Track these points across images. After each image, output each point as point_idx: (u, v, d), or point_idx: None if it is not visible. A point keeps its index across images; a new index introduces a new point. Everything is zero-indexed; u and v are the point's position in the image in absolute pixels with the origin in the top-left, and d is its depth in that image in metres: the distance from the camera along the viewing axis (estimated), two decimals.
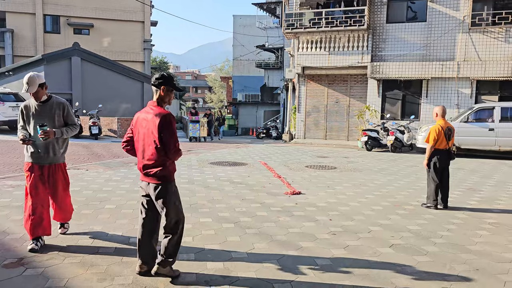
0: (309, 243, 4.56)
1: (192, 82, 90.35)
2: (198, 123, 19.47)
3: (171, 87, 3.52)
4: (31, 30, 30.10)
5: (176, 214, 3.54)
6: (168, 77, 3.52)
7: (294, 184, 8.05)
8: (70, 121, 4.43)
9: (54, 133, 4.20)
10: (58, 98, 4.44)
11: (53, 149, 4.32)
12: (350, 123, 18.16)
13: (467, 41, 15.90)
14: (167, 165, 3.48)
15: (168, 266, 3.53)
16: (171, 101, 3.59)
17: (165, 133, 3.37)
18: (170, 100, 3.57)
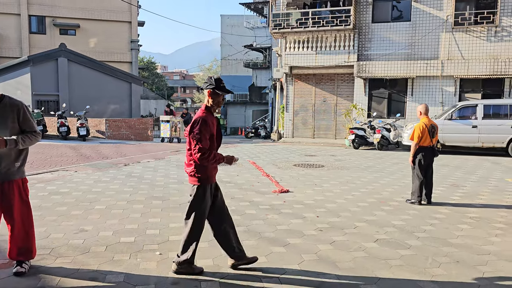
0: (296, 240, 4.67)
1: (180, 82, 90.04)
2: (168, 123, 18.51)
3: (217, 90, 3.53)
4: (16, 31, 29.76)
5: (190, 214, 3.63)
6: (214, 80, 3.56)
7: (282, 182, 8.17)
8: (28, 128, 3.55)
9: (5, 142, 3.34)
10: (12, 99, 3.54)
11: (6, 162, 3.51)
12: (337, 121, 18.37)
13: (451, 40, 16.20)
14: (194, 167, 3.57)
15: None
16: (220, 104, 3.60)
17: (191, 135, 3.49)
18: (218, 103, 3.58)
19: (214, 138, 3.59)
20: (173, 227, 5.03)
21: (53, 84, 22.08)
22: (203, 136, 3.43)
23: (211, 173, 3.63)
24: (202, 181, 3.57)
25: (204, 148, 3.43)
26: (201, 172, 3.56)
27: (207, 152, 3.45)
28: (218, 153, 3.57)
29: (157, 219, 5.37)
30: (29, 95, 21.10)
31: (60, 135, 17.49)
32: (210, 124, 3.50)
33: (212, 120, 3.56)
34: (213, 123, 3.55)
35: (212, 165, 3.57)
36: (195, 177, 3.58)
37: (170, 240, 4.57)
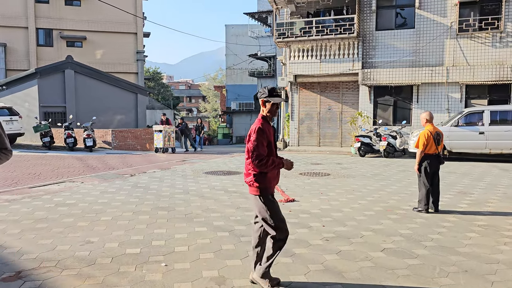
0: (302, 249, 4.65)
1: (185, 92, 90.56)
2: (161, 133, 17.78)
3: (270, 98, 3.54)
4: (24, 44, 30.16)
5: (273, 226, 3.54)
6: (268, 90, 3.58)
7: (288, 191, 8.15)
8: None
9: None
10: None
11: None
12: (343, 129, 18.33)
13: (455, 46, 16.17)
14: (253, 176, 3.54)
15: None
16: (274, 112, 3.60)
17: (248, 144, 3.50)
18: (272, 111, 3.58)
19: (272, 146, 3.59)
20: (178, 238, 5.02)
21: (60, 96, 22.30)
22: (260, 143, 3.43)
23: (270, 183, 3.58)
24: (262, 190, 3.53)
25: (262, 154, 3.43)
26: (261, 181, 3.53)
27: (265, 158, 3.44)
28: (277, 159, 3.54)
29: (162, 230, 5.37)
30: (36, 107, 21.31)
31: (67, 146, 17.61)
32: (267, 132, 3.52)
33: (269, 128, 3.58)
34: (269, 131, 3.56)
35: (272, 171, 3.53)
36: (254, 187, 3.55)
37: (175, 251, 4.56)
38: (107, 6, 26.37)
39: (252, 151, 3.44)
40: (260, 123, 3.52)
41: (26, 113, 20.31)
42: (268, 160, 3.45)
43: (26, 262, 4.19)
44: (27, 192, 7.98)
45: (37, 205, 6.78)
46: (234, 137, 44.18)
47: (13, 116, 17.60)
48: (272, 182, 3.60)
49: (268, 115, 3.60)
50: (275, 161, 3.49)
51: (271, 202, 3.57)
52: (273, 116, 3.62)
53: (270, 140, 3.55)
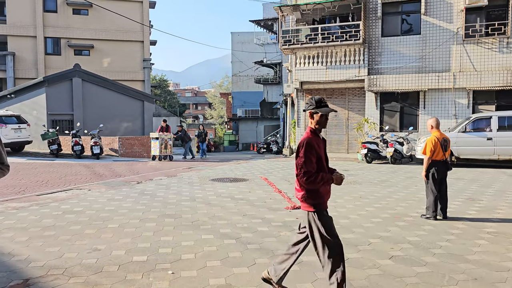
0: (309, 257, 4.61)
1: (192, 99, 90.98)
2: (157, 140, 17.38)
3: (318, 110, 3.40)
4: (32, 53, 30.52)
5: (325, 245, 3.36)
6: (315, 101, 3.45)
7: (295, 198, 8.12)
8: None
9: None
10: None
11: None
12: (349, 136, 18.29)
13: (462, 52, 16.12)
14: (305, 192, 3.40)
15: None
16: (323, 124, 3.44)
17: (296, 160, 3.37)
18: (321, 123, 3.43)
19: (323, 160, 3.42)
20: (185, 246, 5.02)
21: (67, 104, 22.49)
22: (307, 159, 3.30)
23: (323, 198, 3.42)
24: (315, 206, 3.38)
25: (310, 171, 3.29)
26: (313, 197, 3.38)
27: (313, 175, 3.28)
28: (327, 174, 3.36)
29: (169, 238, 5.37)
30: (44, 115, 21.50)
31: (75, 154, 17.71)
32: (316, 146, 3.36)
33: (318, 141, 3.41)
34: (318, 145, 3.40)
35: (321, 187, 3.36)
36: (306, 203, 3.40)
37: (182, 258, 4.55)
38: (114, 15, 26.68)
39: (300, 168, 3.31)
40: (308, 137, 3.37)
41: (34, 121, 20.50)
42: (317, 177, 3.28)
43: (34, 269, 4.21)
44: (35, 199, 8.02)
45: (44, 213, 6.82)
46: (240, 144, 44.20)
47: (21, 124, 17.77)
48: (325, 197, 3.45)
49: (317, 127, 3.44)
50: (324, 177, 3.31)
51: (325, 217, 3.39)
52: (322, 128, 3.46)
53: (320, 154, 3.39)
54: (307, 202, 3.39)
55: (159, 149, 17.38)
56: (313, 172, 3.30)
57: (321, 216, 3.37)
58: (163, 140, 17.54)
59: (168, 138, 17.77)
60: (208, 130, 62.05)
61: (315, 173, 3.31)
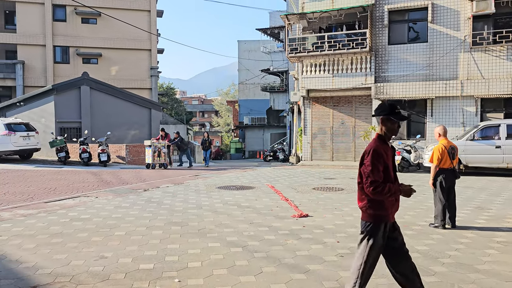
0: (317, 266, 4.59)
1: (199, 107, 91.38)
2: (150, 148, 16.99)
3: (391, 117, 3.21)
4: (41, 61, 30.87)
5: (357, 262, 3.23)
6: (388, 106, 3.27)
7: (302, 206, 8.09)
8: None
9: None
10: None
11: None
12: (356, 144, 18.23)
13: (469, 60, 16.06)
14: (367, 202, 3.24)
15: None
16: (394, 132, 3.26)
17: (362, 168, 3.22)
18: (392, 131, 3.25)
19: (390, 169, 3.22)
20: (192, 253, 5.01)
21: (75, 112, 22.66)
22: (374, 168, 3.11)
23: (387, 211, 3.21)
24: (375, 218, 3.19)
25: (377, 181, 3.09)
26: (375, 208, 3.20)
27: (381, 185, 3.09)
28: (394, 186, 3.16)
29: (176, 245, 5.36)
30: (52, 122, 21.68)
31: (82, 161, 17.81)
32: (383, 154, 3.17)
33: (386, 150, 3.22)
34: (386, 153, 3.21)
35: (388, 199, 3.17)
36: (366, 213, 3.23)
37: (189, 266, 4.54)
38: (122, 23, 26.95)
39: (367, 176, 3.12)
40: (376, 144, 3.19)
41: (42, 129, 20.67)
42: (384, 187, 3.09)
43: (41, 277, 4.22)
44: (42, 206, 8.07)
45: (52, 220, 6.85)
46: (247, 151, 44.23)
47: (30, 131, 17.92)
48: (389, 210, 3.22)
49: (387, 135, 3.25)
50: (391, 188, 3.11)
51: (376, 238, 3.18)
52: (393, 136, 3.27)
53: (387, 163, 3.19)
54: (367, 212, 3.23)
55: (152, 157, 16.96)
56: (380, 182, 3.10)
57: (377, 231, 3.18)
58: (156, 147, 17.11)
59: (162, 146, 17.31)
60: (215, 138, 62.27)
61: (382, 183, 3.11)
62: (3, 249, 5.18)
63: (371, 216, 3.20)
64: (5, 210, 7.63)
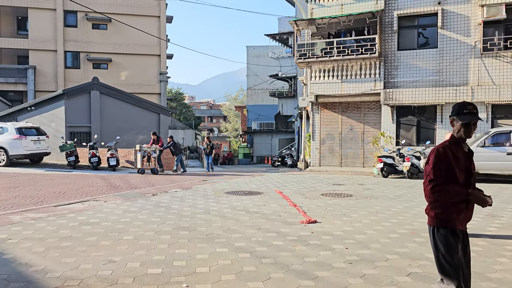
0: (325, 272, 4.55)
1: (207, 112, 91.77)
2: (140, 153, 16.68)
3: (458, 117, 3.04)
4: (52, 66, 31.24)
5: (440, 269, 3.04)
6: (454, 107, 3.10)
7: (310, 212, 8.05)
8: None
9: None
10: None
11: None
12: (365, 149, 18.14)
13: (480, 66, 15.94)
14: (430, 203, 3.08)
15: None
16: (466, 133, 3.03)
17: (425, 166, 3.09)
18: (463, 132, 3.01)
19: (457, 172, 2.98)
20: (200, 259, 5.00)
21: (85, 116, 22.87)
22: (435, 167, 2.95)
23: (452, 214, 2.98)
24: (438, 222, 3.00)
25: (435, 179, 2.93)
26: (436, 209, 3.00)
27: (439, 185, 2.90)
28: (458, 187, 2.95)
29: (184, 250, 5.36)
30: (63, 126, 21.89)
31: (91, 166, 17.95)
32: (449, 154, 2.99)
33: (456, 150, 3.02)
34: (455, 154, 3.00)
35: (450, 201, 2.96)
36: (429, 216, 3.07)
37: (197, 272, 4.53)
38: (132, 29, 27.22)
39: (427, 175, 2.99)
40: (444, 144, 3.05)
41: (53, 133, 20.87)
42: (445, 187, 2.90)
43: (50, 280, 4.23)
44: (52, 210, 8.12)
45: (61, 224, 6.89)
46: (255, 157, 44.21)
47: (40, 136, 18.11)
48: (454, 214, 2.97)
49: (458, 136, 3.06)
50: (453, 190, 2.92)
51: (447, 243, 2.97)
52: (466, 138, 3.04)
53: (452, 165, 2.98)
54: (429, 215, 3.07)
55: (141, 161, 16.64)
56: (440, 181, 2.92)
57: (441, 235, 2.97)
58: (146, 152, 16.72)
59: (151, 151, 16.84)
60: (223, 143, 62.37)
61: (443, 183, 2.92)
62: (13, 252, 5.22)
63: (433, 218, 3.03)
64: (16, 214, 7.70)
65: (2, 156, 17.06)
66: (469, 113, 3.00)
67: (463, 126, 3.01)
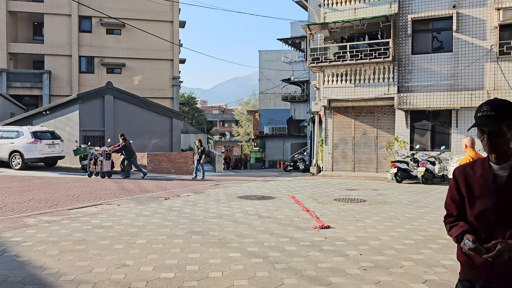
0: (339, 279, 4.49)
1: (219, 116, 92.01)
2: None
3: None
4: (67, 71, 31.69)
5: None
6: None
7: (323, 218, 7.98)
8: None
9: None
10: None
11: None
12: (378, 154, 17.96)
13: (496, 70, 15.70)
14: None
15: None
16: (486, 144, 2.08)
17: None
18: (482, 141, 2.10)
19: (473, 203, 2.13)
20: (212, 263, 4.97)
21: (99, 120, 23.10)
22: (447, 195, 2.30)
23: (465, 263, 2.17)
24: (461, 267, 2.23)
25: (447, 213, 2.29)
26: (458, 255, 2.24)
27: (448, 221, 2.26)
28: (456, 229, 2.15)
29: (196, 255, 5.34)
30: (77, 131, 22.14)
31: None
32: (470, 176, 2.17)
33: (477, 170, 2.16)
34: (475, 176, 2.15)
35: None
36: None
37: (209, 276, 4.51)
38: (146, 34, 27.48)
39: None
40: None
41: (67, 137, 21.12)
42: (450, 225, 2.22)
43: (64, 283, 4.25)
44: (66, 213, 8.19)
45: (75, 227, 6.94)
46: (267, 161, 44.14)
47: (55, 139, 18.34)
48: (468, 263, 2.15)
49: (484, 150, 2.12)
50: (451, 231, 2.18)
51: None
52: (490, 151, 2.08)
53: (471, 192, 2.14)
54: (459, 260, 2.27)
55: (88, 164, 15.77)
56: (451, 216, 2.25)
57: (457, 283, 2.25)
58: (93, 155, 15.66)
59: (98, 154, 15.62)
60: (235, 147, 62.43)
61: (455, 218, 2.22)
62: (28, 254, 5.26)
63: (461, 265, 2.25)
64: (30, 217, 7.78)
65: (17, 159, 17.31)
66: (481, 117, 2.08)
67: (478, 132, 2.12)
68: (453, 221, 2.22)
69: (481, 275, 2.08)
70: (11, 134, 17.77)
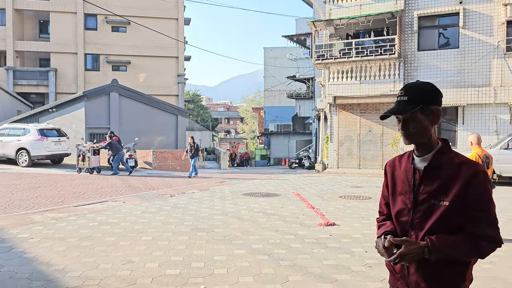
0: (344, 276, 4.49)
1: (224, 114, 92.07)
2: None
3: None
4: (73, 69, 31.85)
5: None
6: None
7: (328, 215, 7.97)
8: None
9: None
10: None
11: None
12: (384, 151, 17.90)
13: (503, 66, 15.57)
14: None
15: None
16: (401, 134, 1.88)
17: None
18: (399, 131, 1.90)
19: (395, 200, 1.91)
20: (217, 260, 4.99)
21: (105, 118, 23.20)
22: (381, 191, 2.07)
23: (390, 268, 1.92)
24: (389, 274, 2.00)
25: (379, 211, 2.08)
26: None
27: (378, 220, 2.06)
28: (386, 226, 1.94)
29: (202, 251, 5.36)
30: (82, 128, 22.26)
31: (110, 166, 18.15)
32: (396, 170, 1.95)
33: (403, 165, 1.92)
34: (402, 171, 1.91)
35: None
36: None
37: (214, 273, 4.53)
38: (151, 32, 27.50)
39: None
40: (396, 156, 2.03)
41: (73, 134, 21.24)
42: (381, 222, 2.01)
43: (71, 280, 4.28)
44: (72, 210, 8.24)
45: (81, 224, 6.98)
46: (272, 158, 44.16)
47: (61, 137, 18.44)
48: (389, 265, 1.91)
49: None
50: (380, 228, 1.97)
51: None
52: (407, 140, 1.85)
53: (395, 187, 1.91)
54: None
55: (77, 160, 16.00)
56: (382, 214, 2.04)
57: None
58: (81, 151, 15.80)
59: (86, 150, 15.66)
60: (240, 144, 62.48)
61: (385, 217, 2.01)
62: (35, 251, 5.31)
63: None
64: (37, 213, 7.84)
65: (24, 156, 17.44)
66: (395, 103, 1.85)
67: (397, 122, 1.87)
68: (382, 219, 2.01)
69: (400, 283, 1.86)
70: (17, 131, 17.90)
